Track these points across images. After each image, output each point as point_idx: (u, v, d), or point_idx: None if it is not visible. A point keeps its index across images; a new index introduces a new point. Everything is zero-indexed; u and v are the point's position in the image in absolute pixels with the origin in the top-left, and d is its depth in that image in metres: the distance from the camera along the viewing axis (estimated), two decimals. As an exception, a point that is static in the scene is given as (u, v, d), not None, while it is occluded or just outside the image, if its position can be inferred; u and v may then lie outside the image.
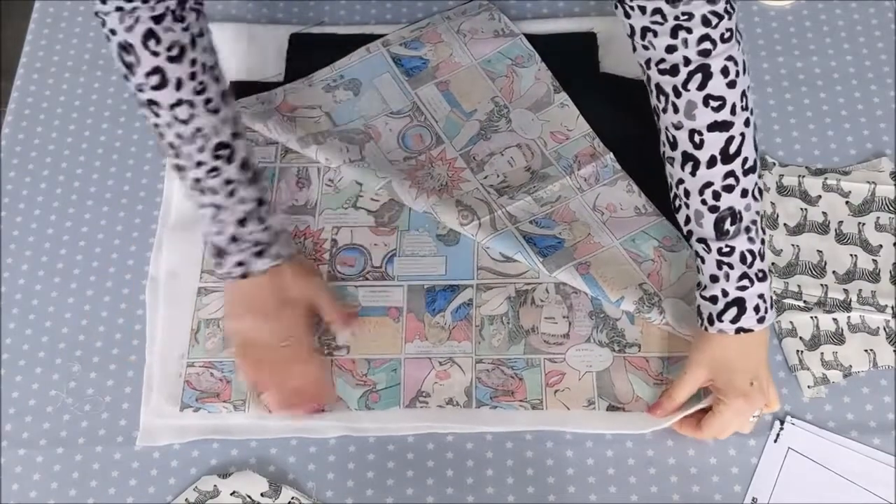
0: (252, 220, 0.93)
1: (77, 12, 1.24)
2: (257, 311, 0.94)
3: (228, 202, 0.92)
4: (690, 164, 0.88)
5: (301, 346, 0.96)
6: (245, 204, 0.93)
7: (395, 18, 1.21)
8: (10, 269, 1.05)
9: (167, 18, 0.86)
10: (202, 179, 0.91)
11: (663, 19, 0.84)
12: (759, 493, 0.90)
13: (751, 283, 0.88)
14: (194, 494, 0.92)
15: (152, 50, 0.86)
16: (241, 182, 0.92)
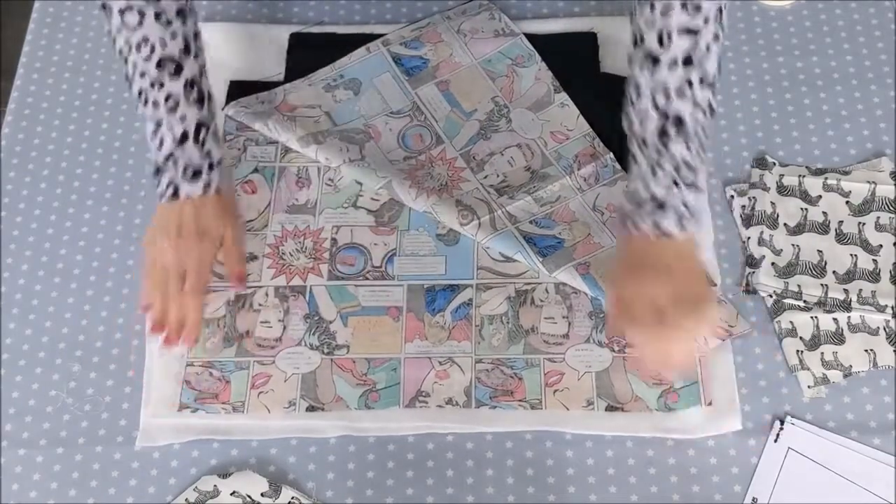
0: (190, 140, 0.93)
1: (77, 12, 1.24)
2: (170, 237, 0.95)
3: (169, 117, 0.92)
4: (650, 62, 0.86)
5: (193, 281, 0.96)
6: (185, 122, 0.93)
7: (395, 18, 1.21)
8: (10, 269, 1.05)
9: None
10: (145, 91, 0.91)
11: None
12: (759, 493, 0.90)
13: (678, 188, 0.86)
14: (194, 494, 0.92)
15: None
16: (184, 100, 0.92)
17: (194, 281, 0.96)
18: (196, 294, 0.96)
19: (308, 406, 0.96)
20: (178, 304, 0.95)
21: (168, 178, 0.94)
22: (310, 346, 0.99)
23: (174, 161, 0.93)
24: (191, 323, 0.96)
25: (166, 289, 0.95)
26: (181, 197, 0.94)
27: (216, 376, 0.98)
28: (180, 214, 0.95)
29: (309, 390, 0.97)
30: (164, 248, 0.95)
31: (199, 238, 0.95)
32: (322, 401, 0.96)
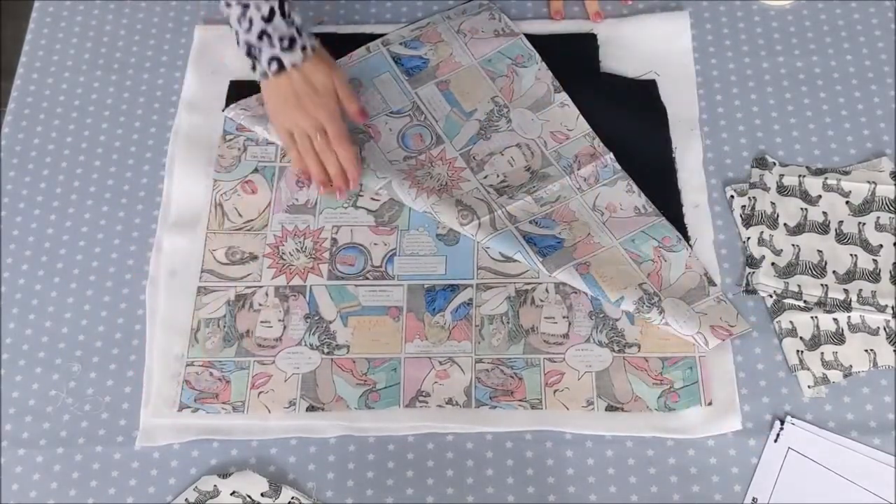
0: (277, 15, 0.99)
1: (77, 12, 1.24)
2: (294, 105, 1.03)
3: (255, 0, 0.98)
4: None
5: (335, 131, 1.04)
6: (270, 0, 0.99)
7: (395, 18, 1.21)
8: (10, 269, 1.05)
9: None
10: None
11: None
12: (759, 493, 0.90)
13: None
14: (194, 494, 0.92)
15: None
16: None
17: (336, 130, 1.04)
18: (343, 140, 1.04)
19: (308, 406, 0.96)
20: (332, 156, 1.04)
21: (268, 53, 1.01)
22: (310, 345, 0.99)
23: (268, 36, 1.00)
24: (350, 165, 1.05)
25: (314, 151, 1.05)
26: (287, 67, 1.01)
27: (216, 376, 0.98)
28: (291, 82, 1.02)
29: (309, 390, 0.97)
30: (293, 114, 1.04)
31: (318, 94, 1.03)
32: (322, 401, 0.96)
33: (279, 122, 1.06)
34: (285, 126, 1.05)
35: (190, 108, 1.14)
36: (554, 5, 1.19)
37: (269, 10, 0.99)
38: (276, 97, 1.04)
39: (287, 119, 1.05)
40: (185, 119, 1.13)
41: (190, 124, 1.13)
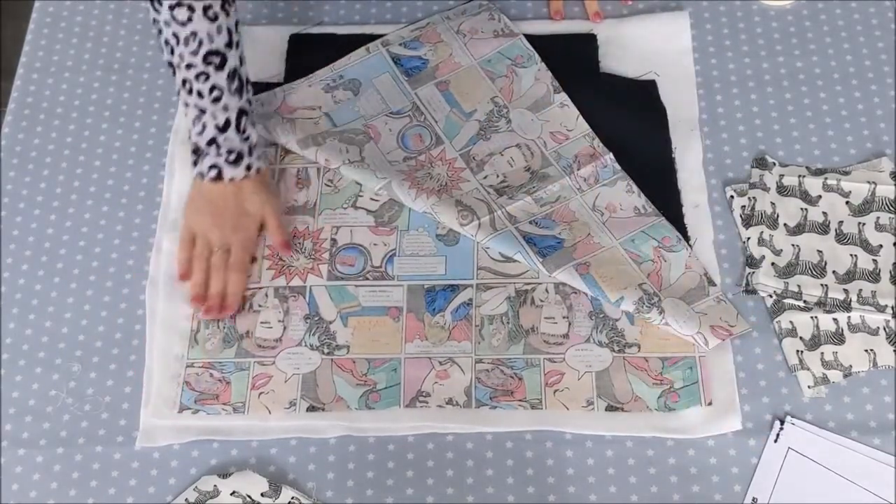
0: (232, 127, 0.99)
1: (77, 12, 1.24)
2: (214, 214, 1.01)
3: (212, 107, 0.98)
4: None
5: (238, 257, 1.01)
6: (228, 112, 0.98)
7: (395, 18, 1.21)
8: (10, 269, 1.05)
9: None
10: (190, 81, 0.96)
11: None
12: (759, 493, 0.90)
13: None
14: (194, 494, 0.92)
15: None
16: (227, 90, 0.98)
17: (239, 258, 1.01)
18: (241, 271, 1.01)
19: (308, 406, 0.96)
20: (221, 277, 1.00)
21: (211, 160, 0.99)
22: (310, 346, 0.99)
23: (217, 146, 0.99)
24: (233, 296, 1.00)
25: (207, 262, 1.01)
26: (224, 179, 1.00)
27: (216, 377, 0.98)
28: (223, 194, 1.01)
29: (309, 390, 0.97)
30: (209, 223, 1.01)
31: (243, 216, 1.02)
32: (322, 401, 0.96)
33: (191, 221, 1.02)
34: (194, 228, 1.02)
35: (190, 109, 1.14)
36: (554, 5, 1.19)
37: (225, 122, 0.98)
38: (201, 199, 1.02)
39: (200, 223, 1.02)
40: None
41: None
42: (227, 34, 0.97)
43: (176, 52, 0.96)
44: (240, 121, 0.99)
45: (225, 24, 0.96)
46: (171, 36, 0.96)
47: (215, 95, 0.97)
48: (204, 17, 0.95)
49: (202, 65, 0.96)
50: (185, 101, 0.98)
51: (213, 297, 1.00)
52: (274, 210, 1.03)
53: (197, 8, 0.94)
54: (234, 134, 0.99)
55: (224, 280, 1.00)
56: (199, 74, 0.96)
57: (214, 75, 0.97)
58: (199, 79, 0.96)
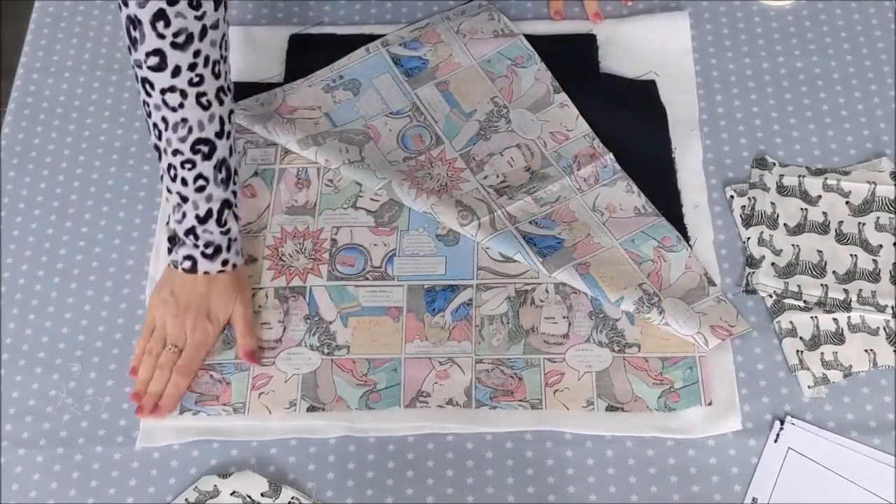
0: (213, 219, 0.95)
1: (77, 12, 1.24)
2: (177, 308, 0.97)
3: (195, 196, 0.94)
4: None
5: (187, 360, 0.96)
6: (211, 202, 0.95)
7: (395, 18, 1.21)
8: (10, 269, 1.05)
9: (182, 2, 0.86)
10: (175, 167, 0.93)
11: None
12: (759, 493, 0.90)
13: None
14: (194, 494, 0.92)
15: (159, 32, 0.86)
16: (213, 180, 0.94)
17: (188, 361, 0.96)
18: (186, 375, 0.96)
19: (309, 406, 0.96)
20: (165, 377, 0.95)
21: (186, 251, 0.96)
22: (310, 346, 0.99)
23: (195, 236, 0.95)
24: (169, 398, 0.95)
25: (156, 358, 0.96)
26: (199, 272, 0.96)
27: (216, 378, 0.98)
28: (193, 288, 0.97)
29: (309, 391, 0.97)
30: (169, 317, 0.97)
31: (206, 318, 0.97)
32: (323, 401, 0.96)
33: (153, 309, 0.98)
34: (154, 318, 0.98)
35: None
36: (554, 5, 1.19)
37: (206, 212, 0.94)
38: (168, 287, 0.97)
39: (161, 314, 0.97)
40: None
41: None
42: (219, 123, 0.93)
43: (164, 136, 0.91)
44: (222, 213, 0.95)
45: (217, 112, 0.92)
46: (161, 120, 0.91)
47: (199, 185, 0.93)
48: (196, 104, 0.90)
49: (189, 153, 0.92)
50: (168, 188, 0.95)
51: (150, 396, 0.95)
52: (243, 315, 0.98)
53: (190, 94, 0.90)
54: (215, 226, 0.95)
55: (166, 381, 0.95)
56: (185, 162, 0.92)
57: (201, 164, 0.93)
58: (185, 166, 0.92)
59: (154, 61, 0.88)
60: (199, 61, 0.89)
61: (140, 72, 0.89)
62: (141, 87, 0.90)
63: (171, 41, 0.87)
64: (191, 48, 0.88)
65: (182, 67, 0.88)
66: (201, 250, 0.95)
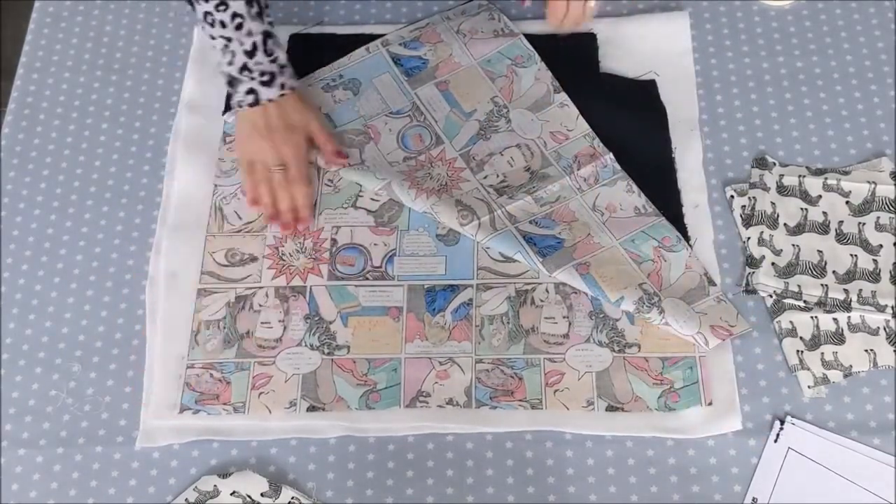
0: (259, 51, 1.00)
1: (77, 12, 1.24)
2: (262, 136, 1.03)
3: (237, 34, 0.99)
4: None
5: (296, 170, 1.04)
6: (252, 36, 1.00)
7: (395, 18, 1.21)
8: (10, 269, 1.05)
9: None
10: (211, 13, 0.98)
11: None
12: (759, 493, 0.90)
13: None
14: (194, 494, 0.92)
15: None
16: (248, 16, 0.99)
17: (296, 170, 1.04)
18: (302, 182, 1.05)
19: (309, 406, 0.96)
20: (287, 193, 1.04)
21: (246, 86, 1.01)
22: (310, 346, 0.99)
23: (248, 71, 1.01)
24: (304, 208, 1.05)
25: (271, 182, 1.04)
26: (262, 101, 1.02)
27: (217, 377, 0.98)
28: (265, 115, 1.03)
29: (309, 390, 0.97)
30: (260, 145, 1.04)
31: (289, 131, 1.04)
32: (323, 401, 0.96)
33: (243, 149, 1.06)
34: (248, 155, 1.06)
35: (190, 109, 1.14)
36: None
37: (252, 45, 1.00)
38: (246, 126, 1.05)
39: (252, 149, 1.05)
40: (185, 119, 1.13)
41: (190, 125, 1.13)
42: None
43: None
44: (266, 43, 1.00)
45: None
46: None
47: (237, 22, 0.98)
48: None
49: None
50: (211, 35, 1.00)
51: (286, 212, 1.04)
52: (318, 122, 1.06)
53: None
54: (263, 56, 1.00)
55: (290, 195, 1.04)
56: (219, 5, 0.97)
57: (233, 3, 0.97)
58: (219, 9, 0.97)
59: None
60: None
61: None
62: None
63: None
64: None
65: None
66: (259, 80, 1.01)
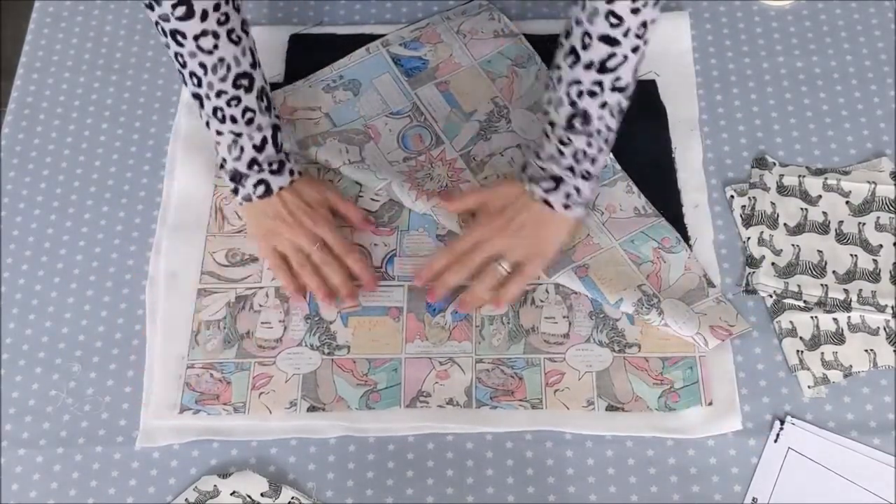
0: (268, 145, 0.98)
1: (77, 12, 1.24)
2: (287, 224, 1.00)
3: (247, 129, 0.97)
4: (572, 58, 0.92)
5: (337, 242, 1.00)
6: (262, 131, 0.98)
7: (395, 18, 1.21)
8: (10, 269, 1.05)
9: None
10: (222, 108, 0.95)
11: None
12: (759, 493, 0.90)
13: (573, 175, 0.96)
14: (194, 494, 0.92)
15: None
16: (258, 110, 0.97)
17: (338, 240, 1.00)
18: (350, 249, 1.00)
19: (309, 406, 0.96)
20: (336, 267, 0.99)
21: (255, 178, 0.99)
22: (310, 346, 0.99)
23: (258, 164, 0.98)
24: (363, 272, 1.00)
25: (312, 267, 0.99)
26: (274, 191, 1.00)
27: (217, 377, 0.98)
28: (283, 202, 1.00)
29: (310, 391, 0.97)
30: (285, 233, 1.00)
31: (314, 210, 1.01)
32: (323, 401, 0.96)
33: (266, 243, 1.01)
34: (273, 246, 1.01)
35: (190, 109, 1.14)
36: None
37: (262, 140, 0.97)
38: (261, 218, 1.01)
39: (276, 239, 1.00)
40: (185, 119, 1.13)
41: (190, 125, 1.13)
42: (251, 54, 0.96)
43: (204, 81, 0.94)
44: (275, 137, 0.99)
45: (247, 45, 0.95)
46: (198, 66, 0.93)
47: (248, 117, 0.96)
48: (229, 41, 0.93)
49: (232, 89, 0.95)
50: (219, 130, 0.97)
51: (342, 285, 0.99)
52: (335, 193, 1.04)
53: (221, 34, 0.92)
54: (272, 149, 0.99)
55: (340, 267, 0.99)
56: (231, 100, 0.95)
57: (245, 98, 0.95)
58: (231, 104, 0.95)
59: (181, 11, 0.90)
60: (221, 1, 0.91)
61: (168, 25, 0.91)
62: (171, 41, 0.92)
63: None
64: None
65: (209, 10, 0.91)
66: (268, 170, 0.99)
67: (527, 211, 0.98)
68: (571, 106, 0.93)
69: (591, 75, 0.92)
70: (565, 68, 0.93)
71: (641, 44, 0.91)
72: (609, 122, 0.95)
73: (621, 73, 0.92)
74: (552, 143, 0.96)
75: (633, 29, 0.89)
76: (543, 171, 0.96)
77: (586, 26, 0.90)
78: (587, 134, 0.94)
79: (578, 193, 0.97)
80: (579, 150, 0.95)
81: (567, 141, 0.94)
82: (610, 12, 0.88)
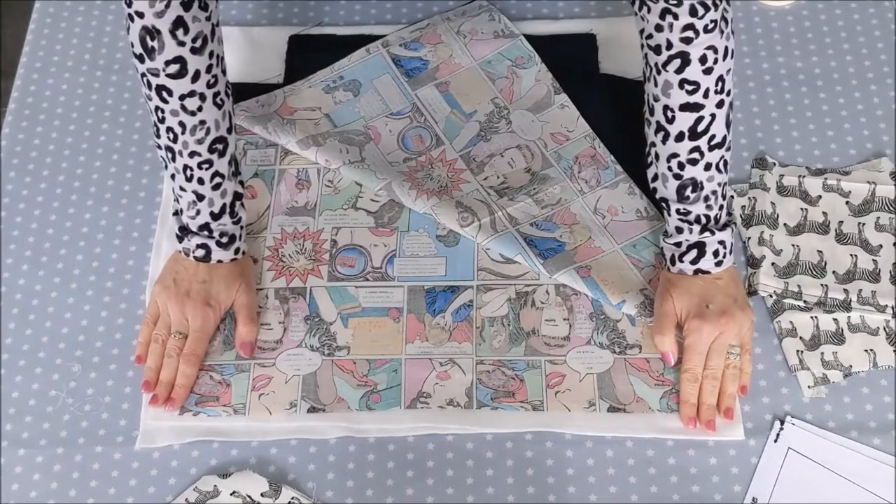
0: (226, 214, 0.96)
1: (77, 12, 1.24)
2: (178, 293, 0.96)
3: (212, 193, 0.95)
4: (662, 133, 0.92)
5: (192, 348, 0.96)
6: (225, 197, 0.96)
7: (395, 19, 1.21)
8: (10, 269, 1.05)
9: (194, 5, 0.86)
10: (192, 168, 0.93)
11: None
12: (759, 493, 0.90)
13: (711, 234, 0.94)
14: (194, 494, 0.92)
15: (179, 39, 0.87)
16: (227, 175, 0.96)
17: (192, 347, 0.96)
18: (192, 363, 0.96)
19: (309, 407, 0.96)
20: (174, 364, 0.96)
21: (200, 241, 0.96)
22: (310, 347, 0.99)
23: (209, 230, 0.96)
24: (181, 388, 0.95)
25: (162, 346, 0.96)
26: (213, 260, 0.97)
27: (217, 379, 0.98)
28: (195, 275, 0.97)
29: (310, 392, 0.97)
30: (173, 300, 0.96)
31: (206, 305, 0.97)
32: (323, 402, 0.96)
33: (158, 293, 0.98)
34: (158, 300, 0.98)
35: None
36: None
37: (221, 207, 0.96)
38: (171, 275, 0.98)
39: (165, 300, 0.97)
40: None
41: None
42: (229, 119, 0.95)
43: (180, 140, 0.92)
44: (234, 205, 0.97)
45: (227, 109, 0.94)
46: (178, 125, 0.91)
47: (216, 182, 0.95)
48: (213, 104, 0.91)
49: (207, 153, 0.93)
50: (182, 186, 0.94)
51: (162, 385, 0.95)
52: (245, 303, 0.98)
53: (208, 96, 0.91)
54: (228, 219, 0.97)
55: (175, 368, 0.95)
56: (203, 162, 0.93)
57: (217, 162, 0.94)
58: (202, 167, 0.93)
59: (174, 69, 0.88)
60: (213, 62, 0.90)
61: (156, 80, 0.89)
62: (155, 95, 0.90)
63: (190, 47, 0.87)
64: (206, 50, 0.89)
65: (201, 71, 0.89)
66: (216, 240, 0.96)
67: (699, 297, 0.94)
68: (677, 179, 0.93)
69: (685, 145, 0.91)
70: (659, 144, 0.93)
71: (724, 97, 0.90)
72: (718, 179, 0.93)
73: (714, 131, 0.91)
74: (673, 219, 0.95)
75: (712, 87, 0.88)
76: (678, 247, 0.95)
77: (664, 101, 0.89)
78: (703, 199, 0.93)
79: (724, 246, 0.94)
80: (701, 216, 0.93)
81: (685, 211, 0.94)
82: (683, 80, 0.87)
